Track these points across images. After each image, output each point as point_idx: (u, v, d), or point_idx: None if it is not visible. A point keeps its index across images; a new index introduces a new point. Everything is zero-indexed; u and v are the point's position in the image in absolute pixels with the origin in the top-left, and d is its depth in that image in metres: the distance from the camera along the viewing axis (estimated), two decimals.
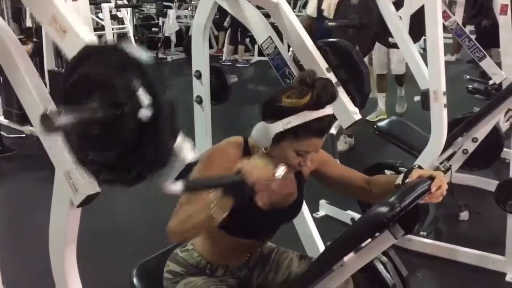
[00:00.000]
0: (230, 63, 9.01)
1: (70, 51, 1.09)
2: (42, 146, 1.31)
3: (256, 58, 9.25)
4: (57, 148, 1.23)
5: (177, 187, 0.99)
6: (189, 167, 0.96)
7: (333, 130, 2.59)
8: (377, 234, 1.33)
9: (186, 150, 0.95)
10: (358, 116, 2.04)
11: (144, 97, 0.85)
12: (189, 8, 10.47)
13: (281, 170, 1.22)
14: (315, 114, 1.34)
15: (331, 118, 1.40)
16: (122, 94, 0.86)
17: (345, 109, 2.03)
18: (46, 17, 1.17)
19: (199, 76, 2.44)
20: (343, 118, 2.05)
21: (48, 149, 1.25)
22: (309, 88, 1.35)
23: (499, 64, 3.87)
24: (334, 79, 2.04)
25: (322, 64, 2.06)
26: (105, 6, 6.98)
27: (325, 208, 3.34)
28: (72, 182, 1.24)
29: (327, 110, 1.37)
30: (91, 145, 0.91)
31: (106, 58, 0.89)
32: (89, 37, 1.12)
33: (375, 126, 3.30)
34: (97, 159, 0.91)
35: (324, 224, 3.06)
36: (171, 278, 1.60)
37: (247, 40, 9.45)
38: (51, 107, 0.85)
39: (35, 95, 1.23)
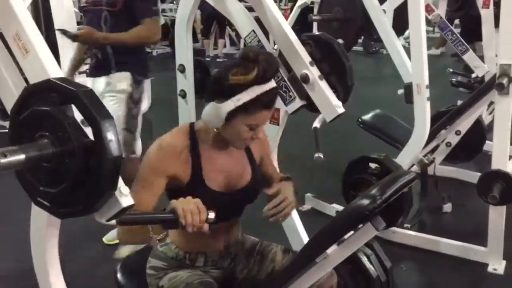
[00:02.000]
0: (211, 58, 9.20)
1: (29, 73, 1.08)
2: None
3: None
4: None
5: (111, 221, 1.01)
6: (124, 211, 0.98)
7: (316, 124, 2.59)
8: (359, 226, 1.34)
9: (124, 195, 0.97)
10: (341, 110, 2.04)
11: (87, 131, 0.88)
12: (174, 2, 10.39)
13: (212, 215, 1.27)
14: (263, 88, 1.39)
15: (277, 90, 1.46)
16: (66, 129, 0.88)
17: (328, 102, 2.04)
18: (11, 30, 1.10)
19: (182, 70, 2.43)
20: (326, 112, 2.06)
21: None
22: (253, 64, 1.38)
23: (482, 58, 3.91)
24: (317, 73, 2.04)
25: (305, 57, 2.06)
26: None
27: (311, 202, 3.35)
28: None
29: (273, 83, 1.43)
30: (41, 181, 0.94)
31: (48, 95, 0.91)
32: (51, 63, 1.07)
33: (359, 120, 3.31)
34: (49, 193, 0.94)
35: (310, 217, 3.07)
36: (155, 274, 1.59)
37: (234, 34, 9.45)
38: None
39: (13, 89, 1.21)
